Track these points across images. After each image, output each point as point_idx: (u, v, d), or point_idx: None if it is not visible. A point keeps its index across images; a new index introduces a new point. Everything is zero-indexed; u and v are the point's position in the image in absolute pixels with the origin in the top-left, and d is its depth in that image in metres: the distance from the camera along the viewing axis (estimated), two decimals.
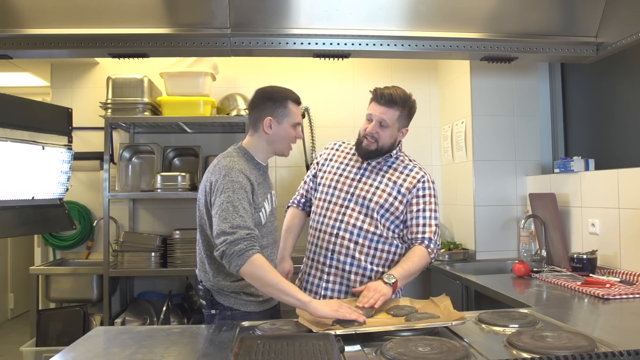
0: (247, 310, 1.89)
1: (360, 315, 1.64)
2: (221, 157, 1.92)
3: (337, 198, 2.13)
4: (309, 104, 3.72)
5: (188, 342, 1.64)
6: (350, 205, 2.10)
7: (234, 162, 1.84)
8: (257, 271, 1.67)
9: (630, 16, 2.44)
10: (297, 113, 1.95)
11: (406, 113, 2.10)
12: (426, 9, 2.53)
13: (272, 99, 1.92)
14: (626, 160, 2.74)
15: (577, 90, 3.33)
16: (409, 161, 2.20)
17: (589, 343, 1.40)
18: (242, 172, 1.82)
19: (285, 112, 1.91)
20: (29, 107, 2.33)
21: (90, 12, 2.41)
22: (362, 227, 2.08)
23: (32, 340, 3.31)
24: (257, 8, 2.44)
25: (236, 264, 1.66)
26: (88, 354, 1.52)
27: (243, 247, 1.66)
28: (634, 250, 2.38)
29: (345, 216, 2.09)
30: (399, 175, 2.13)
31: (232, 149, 1.96)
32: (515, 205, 3.35)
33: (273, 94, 1.93)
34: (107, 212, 3.23)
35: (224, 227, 1.70)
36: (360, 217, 2.08)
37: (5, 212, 2.20)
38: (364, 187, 2.12)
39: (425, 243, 2.04)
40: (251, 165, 1.91)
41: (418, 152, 3.90)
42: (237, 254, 1.66)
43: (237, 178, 1.79)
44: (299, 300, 1.66)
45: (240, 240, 1.67)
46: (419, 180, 2.11)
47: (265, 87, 1.98)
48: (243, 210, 1.74)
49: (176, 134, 3.76)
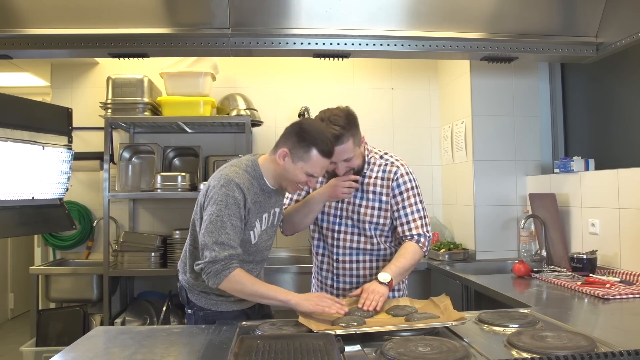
0: (219, 309, 1.90)
1: (341, 309, 1.69)
2: (229, 165, 1.87)
3: (328, 223, 2.15)
4: (309, 104, 3.72)
5: (188, 342, 1.63)
6: (342, 229, 2.13)
7: (236, 175, 1.79)
8: (235, 286, 1.73)
9: (630, 16, 2.44)
10: (318, 164, 1.80)
11: (354, 130, 1.98)
12: (426, 9, 2.53)
13: (300, 136, 1.79)
14: (626, 160, 2.74)
15: (577, 90, 3.33)
16: (379, 158, 2.14)
17: (589, 343, 1.40)
18: (239, 187, 1.77)
19: (304, 156, 1.78)
20: (29, 107, 2.33)
21: (90, 12, 2.41)
22: (359, 247, 2.12)
23: (32, 340, 3.31)
24: (257, 8, 2.44)
25: (213, 281, 1.72)
26: (88, 354, 1.52)
27: (220, 267, 1.70)
28: (634, 250, 2.38)
29: (340, 240, 2.13)
30: (375, 182, 2.10)
31: (244, 160, 1.89)
32: (515, 205, 3.35)
33: (304, 133, 1.79)
34: (107, 212, 3.23)
35: (208, 241, 1.72)
36: (354, 239, 2.12)
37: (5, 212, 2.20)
38: (349, 207, 2.11)
39: (415, 239, 2.04)
40: (255, 183, 1.84)
41: (418, 152, 3.91)
42: (214, 273, 1.70)
43: (232, 192, 1.75)
44: (280, 300, 1.73)
45: (219, 260, 1.70)
46: (393, 179, 2.08)
47: (305, 121, 1.88)
48: (231, 227, 1.73)
49: (176, 134, 3.76)
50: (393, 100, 3.91)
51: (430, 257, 3.42)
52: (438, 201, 3.91)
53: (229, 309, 1.90)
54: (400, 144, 3.90)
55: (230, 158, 3.64)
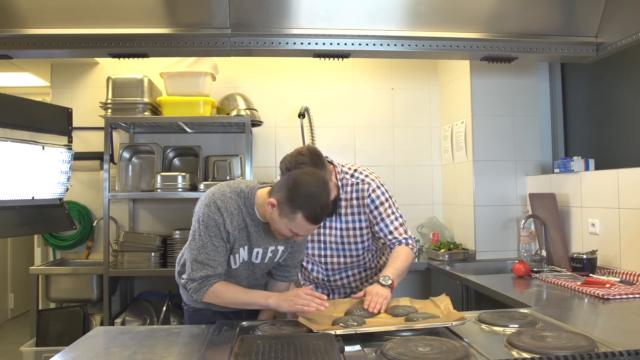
0: (196, 306, 1.95)
1: (321, 304, 1.68)
2: (225, 184, 1.84)
3: (313, 249, 2.24)
4: (309, 104, 3.72)
5: (188, 342, 1.64)
6: (327, 254, 2.23)
7: (221, 196, 1.75)
8: (216, 299, 1.81)
9: (630, 16, 2.44)
10: (303, 227, 1.69)
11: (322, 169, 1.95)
12: (426, 9, 2.53)
13: (290, 193, 1.65)
14: (626, 160, 2.74)
15: (577, 90, 3.33)
16: (350, 177, 2.17)
17: (589, 343, 1.40)
18: (219, 210, 1.73)
19: (289, 216, 1.67)
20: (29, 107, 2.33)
21: (90, 12, 2.41)
22: (347, 269, 2.27)
23: (32, 340, 3.31)
24: (257, 8, 2.44)
25: (195, 297, 1.79)
26: (88, 354, 1.52)
27: (197, 285, 1.77)
28: (634, 250, 2.38)
29: (327, 265, 2.26)
30: (351, 204, 2.16)
31: (244, 184, 1.82)
32: (515, 205, 3.35)
33: (294, 192, 1.65)
34: (107, 212, 3.23)
35: (189, 257, 1.79)
36: (341, 260, 2.24)
37: (5, 212, 2.20)
38: (331, 232, 2.20)
39: (403, 243, 2.12)
40: (245, 211, 1.77)
41: (418, 152, 3.91)
42: (194, 290, 1.77)
43: (213, 214, 1.73)
44: (261, 304, 1.81)
45: (196, 279, 1.76)
46: (365, 197, 2.15)
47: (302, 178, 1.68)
48: (212, 247, 1.75)
49: (176, 134, 3.76)
50: (393, 100, 3.91)
51: (430, 257, 3.42)
52: (438, 201, 3.91)
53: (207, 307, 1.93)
54: (400, 144, 3.90)
55: (230, 158, 3.67)
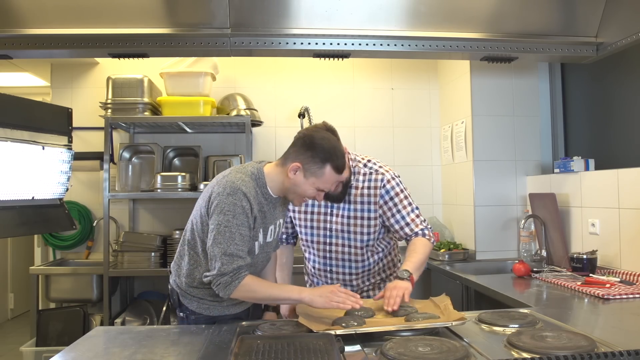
0: (211, 314, 1.86)
1: (355, 302, 1.67)
2: (233, 170, 1.81)
3: (318, 237, 2.18)
4: (309, 104, 3.72)
5: (188, 342, 1.63)
6: (332, 242, 2.16)
7: (242, 183, 1.73)
8: (246, 294, 1.73)
9: (630, 16, 2.44)
10: (331, 180, 1.77)
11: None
12: (426, 9, 2.53)
13: (313, 150, 1.73)
14: (626, 160, 2.74)
15: (577, 90, 3.33)
16: (363, 166, 2.13)
17: (589, 343, 1.40)
18: (246, 196, 1.71)
19: (317, 172, 1.74)
20: (29, 107, 2.33)
21: (90, 12, 2.41)
22: (350, 259, 2.18)
23: (32, 340, 3.31)
24: (257, 8, 2.44)
25: (224, 293, 1.69)
26: (88, 354, 1.52)
27: (229, 279, 1.67)
28: (634, 250, 2.38)
29: (332, 253, 2.18)
30: (362, 192, 2.11)
31: (249, 167, 1.82)
32: (515, 205, 3.35)
33: (317, 147, 1.73)
34: (107, 212, 3.23)
35: (217, 252, 1.68)
36: (345, 250, 2.16)
37: (5, 212, 2.20)
38: (337, 219, 2.14)
39: (420, 234, 2.08)
40: (260, 192, 1.78)
41: (418, 152, 3.91)
42: (224, 285, 1.68)
43: (240, 202, 1.69)
44: (294, 299, 1.74)
45: (228, 272, 1.67)
46: (380, 187, 2.09)
47: (318, 135, 1.76)
48: (239, 237, 1.69)
49: (176, 134, 3.76)
50: (393, 100, 3.91)
51: (430, 257, 3.41)
52: (438, 201, 3.91)
53: (222, 313, 1.87)
54: (400, 144, 3.90)
55: (230, 158, 3.67)
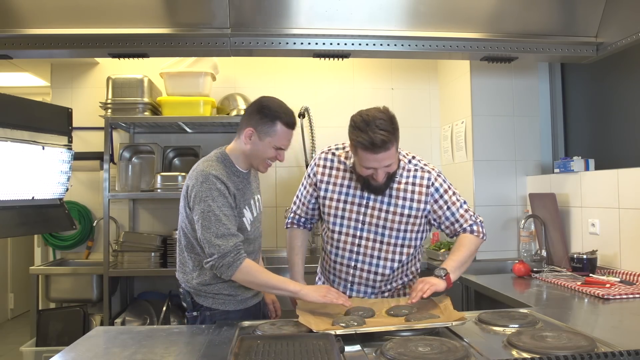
0: (226, 309, 1.92)
1: (346, 301, 1.74)
2: (200, 162, 1.91)
3: (348, 228, 2.03)
4: (309, 104, 3.71)
5: (188, 342, 1.64)
6: (363, 235, 2.01)
7: (211, 168, 1.83)
8: (247, 277, 1.79)
9: (630, 16, 2.44)
10: (283, 136, 1.87)
11: (397, 135, 1.89)
12: (426, 9, 2.53)
13: (262, 112, 1.85)
14: (626, 160, 2.74)
15: (577, 90, 3.33)
16: (408, 162, 2.05)
17: (589, 343, 1.40)
18: (219, 178, 1.81)
19: (269, 131, 1.85)
20: (29, 107, 2.33)
21: (90, 12, 2.41)
22: (379, 257, 2.02)
23: (32, 340, 3.31)
24: (257, 8, 2.44)
25: (227, 274, 1.77)
26: (88, 354, 1.52)
27: (231, 259, 1.75)
28: (634, 250, 2.38)
29: (360, 247, 2.02)
30: (406, 188, 2.00)
31: (213, 154, 1.93)
32: (515, 205, 3.35)
33: (265, 109, 1.86)
34: (107, 212, 3.23)
35: (209, 236, 1.75)
36: (376, 246, 2.01)
37: (5, 212, 2.20)
38: (373, 212, 2.00)
39: (468, 230, 2.01)
40: (230, 171, 1.89)
41: (418, 152, 3.89)
42: (226, 266, 1.76)
43: (214, 185, 1.79)
44: (291, 291, 1.78)
45: (228, 253, 1.75)
46: (429, 186, 2.00)
47: (264, 98, 1.91)
48: (225, 217, 1.77)
49: (176, 134, 3.76)
50: (393, 100, 3.91)
51: (430, 257, 3.42)
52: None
53: (237, 308, 1.93)
54: (400, 144, 3.87)
55: None
